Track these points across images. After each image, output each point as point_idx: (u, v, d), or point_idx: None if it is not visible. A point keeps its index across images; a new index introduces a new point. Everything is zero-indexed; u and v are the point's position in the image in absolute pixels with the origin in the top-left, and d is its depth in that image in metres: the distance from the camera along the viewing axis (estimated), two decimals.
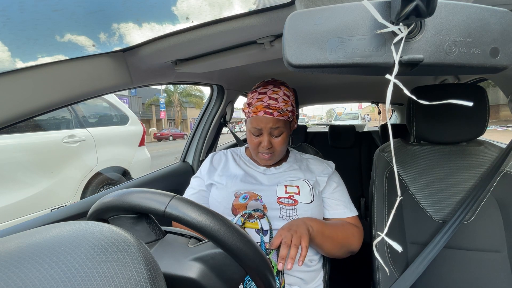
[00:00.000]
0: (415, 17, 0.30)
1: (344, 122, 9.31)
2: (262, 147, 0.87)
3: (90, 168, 3.02)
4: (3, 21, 0.43)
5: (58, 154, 2.76)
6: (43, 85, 0.48)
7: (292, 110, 0.88)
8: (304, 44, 0.34)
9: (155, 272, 0.28)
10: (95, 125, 3.26)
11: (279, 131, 0.86)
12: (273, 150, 0.88)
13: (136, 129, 3.66)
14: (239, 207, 0.83)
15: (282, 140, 0.88)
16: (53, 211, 0.85)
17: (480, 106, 0.86)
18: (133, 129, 3.62)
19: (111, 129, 3.45)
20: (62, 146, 2.78)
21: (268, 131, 0.85)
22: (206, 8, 0.47)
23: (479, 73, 1.11)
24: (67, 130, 2.91)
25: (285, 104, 0.85)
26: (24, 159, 2.54)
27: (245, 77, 1.34)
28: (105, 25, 0.50)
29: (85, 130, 3.04)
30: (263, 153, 0.88)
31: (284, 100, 0.85)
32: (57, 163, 2.75)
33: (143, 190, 0.41)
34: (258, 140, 0.88)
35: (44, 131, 2.81)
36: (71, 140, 2.85)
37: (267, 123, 0.84)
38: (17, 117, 0.47)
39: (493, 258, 0.83)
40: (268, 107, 0.83)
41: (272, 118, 0.84)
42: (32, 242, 0.25)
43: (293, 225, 0.73)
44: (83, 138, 2.96)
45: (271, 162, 0.92)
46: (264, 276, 0.40)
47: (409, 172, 0.93)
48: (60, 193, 2.73)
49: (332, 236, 0.80)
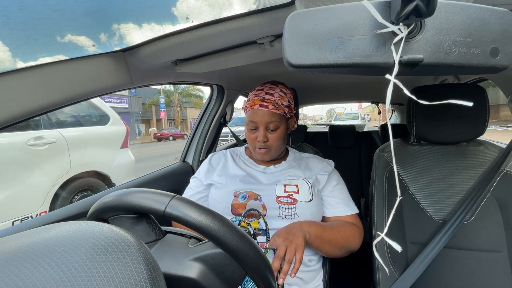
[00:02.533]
0: (415, 17, 0.30)
1: (344, 122, 9.31)
2: (258, 141, 0.89)
3: (61, 173, 2.71)
4: (3, 21, 0.43)
5: (22, 159, 2.47)
6: (43, 85, 0.48)
7: (289, 106, 0.90)
8: (304, 44, 0.34)
9: (155, 272, 0.28)
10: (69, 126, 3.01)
11: (275, 125, 0.88)
12: (269, 145, 0.89)
13: (118, 130, 3.35)
14: (239, 206, 0.83)
15: (278, 136, 0.89)
16: (53, 211, 0.85)
17: (480, 106, 0.86)
18: (114, 130, 3.32)
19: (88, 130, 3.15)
20: (27, 149, 2.47)
21: (264, 125, 0.88)
22: (206, 8, 0.47)
23: (479, 73, 1.11)
24: (33, 131, 2.59)
25: (281, 99, 0.88)
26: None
27: (245, 77, 1.34)
28: (105, 25, 0.50)
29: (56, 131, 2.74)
30: (259, 147, 0.90)
31: (280, 96, 0.88)
32: (21, 169, 2.46)
33: (143, 190, 0.41)
34: (255, 135, 0.89)
35: (4, 132, 2.40)
36: (38, 142, 2.55)
37: (263, 117, 0.87)
38: (17, 117, 0.47)
39: (493, 258, 0.83)
40: (264, 100, 0.86)
41: (267, 111, 0.86)
42: (32, 242, 0.25)
43: (289, 233, 0.71)
44: (53, 140, 2.66)
45: (267, 157, 0.92)
46: (264, 276, 0.40)
47: (409, 172, 0.93)
48: (24, 203, 2.46)
49: (331, 240, 0.79)
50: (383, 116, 3.44)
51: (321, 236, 0.77)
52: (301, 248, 0.69)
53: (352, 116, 15.34)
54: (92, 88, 0.55)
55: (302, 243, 0.70)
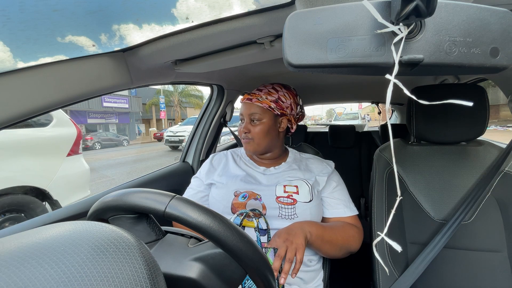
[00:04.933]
0: (415, 17, 0.30)
1: (344, 122, 9.31)
2: (241, 131, 0.94)
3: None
4: (3, 21, 0.43)
5: None
6: (43, 85, 0.48)
7: (277, 103, 0.91)
8: (304, 44, 0.34)
9: (155, 272, 0.28)
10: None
11: (257, 117, 0.91)
12: (250, 136, 0.92)
13: (63, 133, 2.68)
14: (239, 205, 0.83)
15: (260, 129, 0.91)
16: (53, 211, 0.85)
17: (480, 106, 0.86)
18: (58, 133, 2.63)
19: (17, 133, 2.42)
20: None
21: (248, 117, 0.93)
22: (206, 8, 0.47)
23: (479, 73, 1.11)
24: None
25: (268, 94, 0.91)
26: None
27: (245, 77, 1.34)
28: (105, 25, 0.50)
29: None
30: (243, 138, 0.94)
31: (269, 92, 0.92)
32: None
33: (143, 190, 0.41)
34: (241, 127, 0.94)
35: None
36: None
37: (248, 109, 0.92)
38: (17, 117, 0.47)
39: (493, 258, 0.83)
40: (250, 94, 0.93)
41: (250, 104, 0.92)
42: (32, 242, 0.25)
43: (290, 234, 0.71)
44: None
45: (250, 148, 0.94)
46: (264, 276, 0.40)
47: (409, 172, 0.93)
48: None
49: (331, 240, 0.79)
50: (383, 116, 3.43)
51: (322, 237, 0.77)
52: (301, 248, 0.69)
53: (352, 116, 15.32)
54: (92, 88, 0.55)
55: (302, 243, 0.70)
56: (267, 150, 0.95)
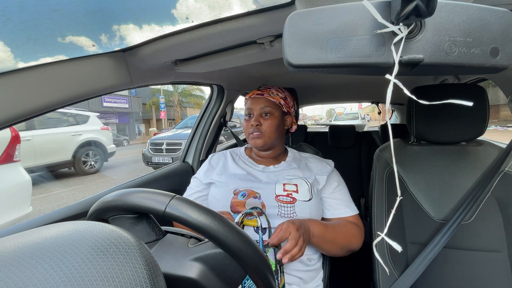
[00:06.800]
0: (415, 17, 0.30)
1: (344, 122, 9.30)
2: (251, 125, 0.92)
3: None
4: (3, 21, 0.43)
5: None
6: (43, 85, 0.48)
7: (286, 100, 0.95)
8: (304, 44, 0.34)
9: (155, 272, 0.28)
10: None
11: (269, 111, 0.92)
12: (262, 129, 0.92)
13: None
14: (238, 204, 0.83)
15: (272, 122, 0.92)
16: (53, 211, 0.85)
17: (480, 106, 0.86)
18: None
19: None
20: None
21: (258, 110, 0.93)
22: (206, 8, 0.47)
23: (479, 73, 1.11)
24: None
25: (278, 92, 0.95)
26: None
27: (245, 77, 1.34)
28: (105, 25, 0.50)
29: None
30: (252, 132, 0.92)
31: (278, 90, 0.96)
32: None
33: (143, 190, 0.41)
34: (250, 122, 0.93)
35: None
36: None
37: (258, 104, 0.93)
38: (17, 117, 0.47)
39: (493, 258, 0.83)
40: (260, 90, 0.96)
41: (263, 98, 0.93)
42: (32, 242, 0.25)
43: (301, 228, 0.72)
44: None
45: (260, 143, 0.92)
46: (264, 276, 0.40)
47: (409, 172, 0.93)
48: None
49: (332, 239, 0.80)
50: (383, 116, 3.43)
51: (323, 236, 0.78)
52: (305, 245, 0.71)
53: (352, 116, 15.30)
54: (92, 88, 0.55)
55: (307, 240, 0.73)
56: (273, 145, 0.97)
